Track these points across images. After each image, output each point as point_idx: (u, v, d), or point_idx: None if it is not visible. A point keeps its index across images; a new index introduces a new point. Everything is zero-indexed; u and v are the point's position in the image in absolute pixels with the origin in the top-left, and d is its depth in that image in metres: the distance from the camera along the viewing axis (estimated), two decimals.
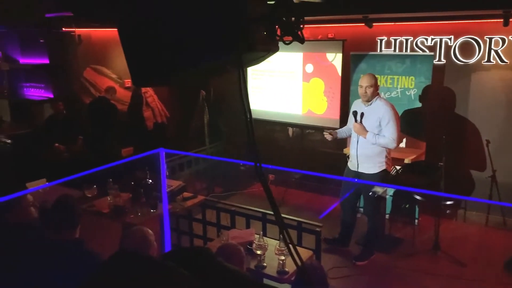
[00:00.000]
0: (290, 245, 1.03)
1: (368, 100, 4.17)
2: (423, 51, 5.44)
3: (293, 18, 1.33)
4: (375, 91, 4.16)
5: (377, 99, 4.19)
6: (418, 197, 4.58)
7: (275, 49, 1.40)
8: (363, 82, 4.14)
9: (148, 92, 6.87)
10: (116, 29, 1.28)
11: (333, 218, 4.78)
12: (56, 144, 5.95)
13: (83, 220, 2.88)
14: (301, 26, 1.35)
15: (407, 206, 5.09)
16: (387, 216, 5.08)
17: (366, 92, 4.11)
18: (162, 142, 6.68)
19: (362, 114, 4.18)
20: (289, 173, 6.02)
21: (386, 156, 4.25)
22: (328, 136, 4.35)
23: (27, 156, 5.96)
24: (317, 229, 3.60)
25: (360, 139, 4.20)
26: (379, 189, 4.31)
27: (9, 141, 6.36)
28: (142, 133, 6.76)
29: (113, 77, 7.04)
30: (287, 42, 1.34)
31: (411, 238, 4.83)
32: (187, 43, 1.09)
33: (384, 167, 4.23)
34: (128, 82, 7.20)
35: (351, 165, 4.37)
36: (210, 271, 1.06)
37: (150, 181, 4.02)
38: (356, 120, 4.19)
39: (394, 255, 4.59)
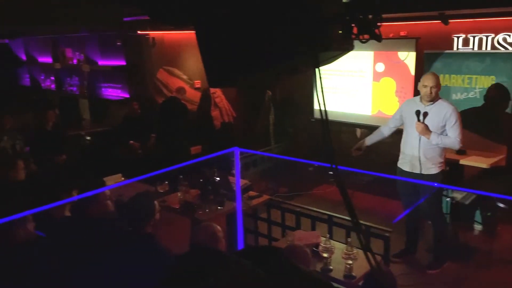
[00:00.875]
0: (367, 252, 1.00)
1: (432, 100, 3.99)
2: (506, 48, 5.07)
3: (370, 16, 1.29)
4: (438, 91, 4.01)
5: (439, 99, 4.03)
6: (501, 205, 4.28)
7: (350, 48, 1.36)
8: (428, 82, 3.97)
9: (217, 93, 7.03)
10: (187, 32, 1.32)
11: (400, 223, 4.59)
12: (131, 142, 6.27)
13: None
14: (378, 24, 1.31)
15: (488, 214, 4.76)
16: (462, 223, 4.80)
17: (431, 93, 3.96)
18: (229, 141, 6.82)
19: (425, 114, 4.00)
20: (357, 175, 5.87)
21: (445, 156, 4.12)
22: (356, 153, 4.41)
23: (104, 152, 6.35)
24: (386, 234, 3.48)
25: (422, 139, 4.03)
26: (454, 193, 4.09)
27: (88, 137, 6.82)
28: (210, 132, 6.93)
29: (184, 78, 7.29)
30: (363, 40, 1.31)
31: (489, 248, 4.52)
32: (264, 44, 1.10)
33: (442, 168, 4.09)
34: (198, 83, 7.42)
35: (409, 166, 4.16)
36: (283, 272, 1.05)
37: (218, 178, 4.11)
38: (418, 120, 4.01)
39: (469, 265, 4.32)
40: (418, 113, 4.02)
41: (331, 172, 1.28)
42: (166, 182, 4.30)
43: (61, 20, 4.20)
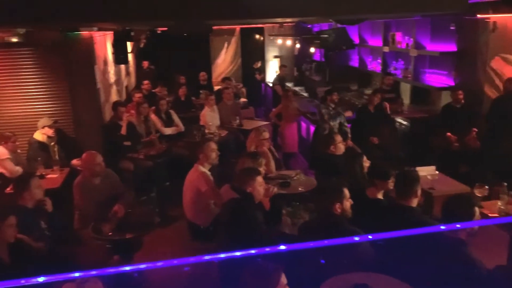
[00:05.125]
0: None
1: None
2: None
3: None
4: None
5: None
6: None
7: None
8: None
9: None
10: None
11: None
12: (448, 134, 5.93)
13: None
14: None
15: None
16: None
17: None
18: None
19: None
20: None
21: None
22: None
23: (420, 141, 6.26)
24: None
25: None
26: None
27: (405, 123, 6.84)
28: None
29: None
30: None
31: None
32: None
33: None
34: None
35: None
36: None
37: None
38: None
39: None
40: None
41: None
42: (486, 186, 3.85)
43: (399, 5, 4.24)
